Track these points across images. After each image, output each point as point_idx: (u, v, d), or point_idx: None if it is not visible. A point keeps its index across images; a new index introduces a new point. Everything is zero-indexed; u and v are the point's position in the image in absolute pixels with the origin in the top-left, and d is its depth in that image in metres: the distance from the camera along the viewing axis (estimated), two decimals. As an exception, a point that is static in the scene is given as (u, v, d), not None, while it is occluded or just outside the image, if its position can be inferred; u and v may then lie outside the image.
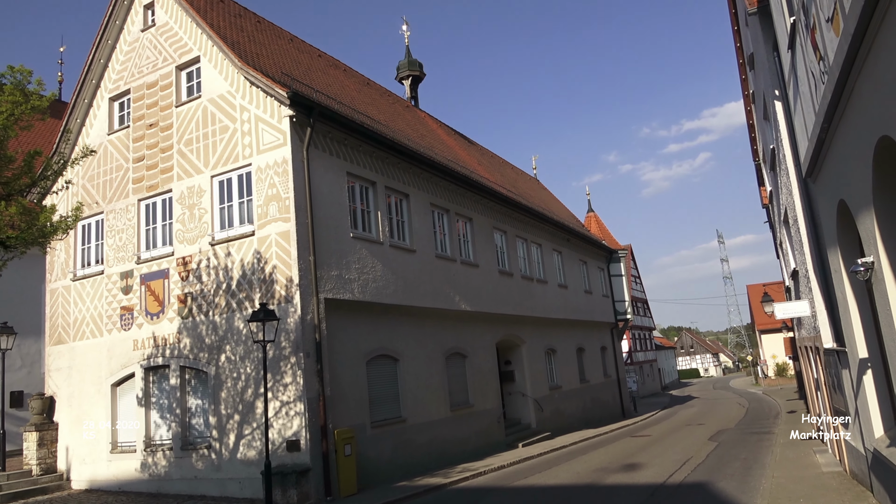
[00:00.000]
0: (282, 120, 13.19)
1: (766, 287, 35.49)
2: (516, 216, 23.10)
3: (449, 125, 28.90)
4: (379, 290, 14.59)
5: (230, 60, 14.00)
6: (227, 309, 13.46)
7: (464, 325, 18.62)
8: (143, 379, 14.66)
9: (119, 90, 16.61)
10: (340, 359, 13.35)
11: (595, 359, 30.11)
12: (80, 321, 16.19)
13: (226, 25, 15.51)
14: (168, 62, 15.63)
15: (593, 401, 28.32)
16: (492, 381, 19.67)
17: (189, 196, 14.49)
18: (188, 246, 14.32)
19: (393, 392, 15.07)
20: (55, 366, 16.50)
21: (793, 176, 10.06)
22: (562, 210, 34.22)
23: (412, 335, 16.08)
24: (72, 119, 17.09)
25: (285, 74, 14.76)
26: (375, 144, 15.19)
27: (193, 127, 14.77)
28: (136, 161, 15.77)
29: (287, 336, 12.45)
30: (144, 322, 14.85)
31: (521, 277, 22.59)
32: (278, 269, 12.76)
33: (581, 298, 28.85)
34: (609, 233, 39.09)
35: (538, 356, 23.46)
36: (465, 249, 19.31)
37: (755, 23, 10.84)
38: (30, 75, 10.07)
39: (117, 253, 15.69)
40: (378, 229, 15.13)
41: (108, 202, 16.14)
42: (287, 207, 12.80)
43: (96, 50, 16.85)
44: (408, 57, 29.87)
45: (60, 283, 16.82)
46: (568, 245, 28.38)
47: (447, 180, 18.39)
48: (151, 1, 16.30)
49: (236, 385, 13.12)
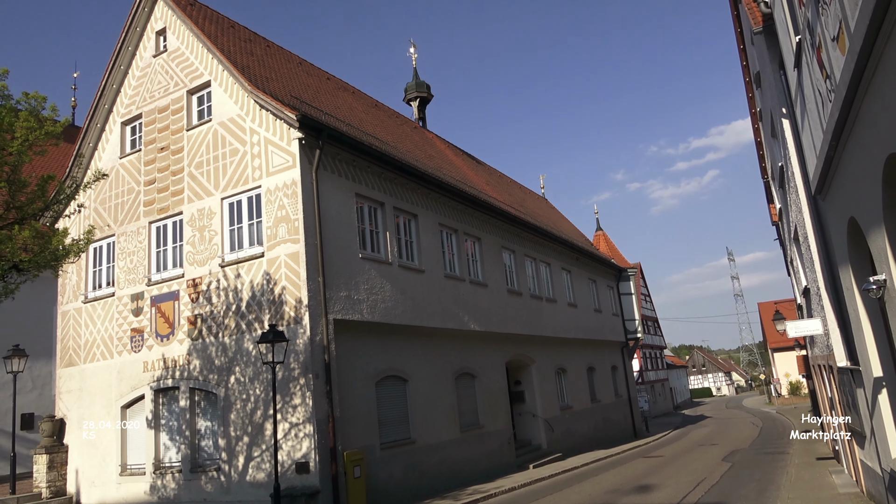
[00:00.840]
0: (291, 142, 13.31)
1: (778, 305, 35.22)
2: (525, 235, 23.10)
3: (457, 145, 29.06)
4: (388, 311, 14.58)
5: (240, 84, 14.18)
6: (237, 330, 13.49)
7: (473, 345, 18.56)
8: (153, 401, 14.67)
9: (131, 114, 16.83)
10: (350, 380, 13.32)
11: (606, 378, 29.88)
12: (91, 343, 16.26)
13: (236, 50, 15.74)
14: (179, 87, 15.84)
15: (605, 421, 28.05)
16: (502, 401, 19.54)
17: (199, 218, 14.60)
18: (198, 268, 14.40)
19: (402, 413, 15.00)
20: (66, 388, 16.55)
21: (802, 193, 10.03)
22: (570, 229, 34.20)
23: (421, 355, 16.03)
24: (84, 143, 17.31)
25: (294, 97, 14.92)
26: (384, 165, 15.29)
27: (204, 150, 14.93)
28: (148, 184, 15.93)
29: (296, 357, 12.44)
30: (154, 344, 14.89)
31: (530, 297, 22.53)
32: (287, 291, 12.79)
33: (591, 317, 28.71)
34: (618, 251, 39.00)
35: (548, 376, 23.31)
36: (474, 269, 19.30)
37: (761, 42, 10.89)
38: (44, 101, 10.22)
39: (128, 275, 15.79)
40: (387, 250, 15.17)
41: (119, 225, 16.29)
42: (296, 229, 12.87)
43: (109, 75, 17.12)
44: (415, 79, 30.16)
45: (72, 305, 16.93)
46: (577, 264, 28.31)
47: (455, 200, 18.45)
48: (164, 27, 16.58)
49: (245, 407, 13.10)
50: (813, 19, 6.25)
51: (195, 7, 16.85)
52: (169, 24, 16.42)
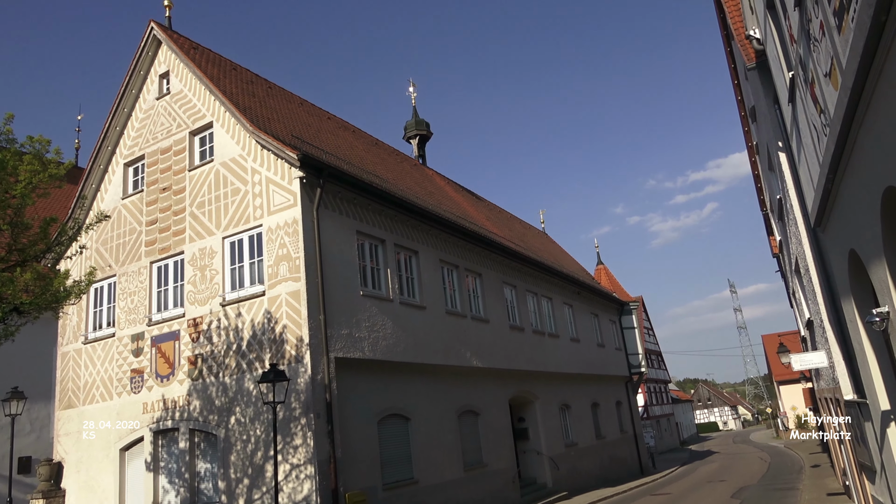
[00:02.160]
0: (292, 181, 13.41)
1: (782, 337, 35.01)
2: (526, 270, 23.09)
3: (456, 182, 29.26)
4: (389, 348, 14.50)
5: (242, 125, 14.36)
6: (238, 370, 13.39)
7: (475, 382, 18.39)
8: (152, 443, 14.49)
9: (134, 156, 17.01)
10: (351, 419, 13.17)
11: (610, 414, 29.52)
12: (91, 385, 16.13)
13: (238, 92, 15.98)
14: (182, 128, 16.05)
15: (610, 458, 27.63)
16: (505, 438, 19.28)
17: (201, 257, 14.63)
18: (199, 307, 14.37)
19: (405, 452, 14.78)
20: (64, 430, 16.36)
21: (801, 226, 10.06)
22: (571, 263, 34.20)
23: (423, 393, 15.88)
24: (87, 185, 17.45)
25: (295, 137, 15.09)
26: (384, 203, 15.38)
27: (206, 190, 15.04)
28: (150, 224, 16.01)
29: (297, 396, 12.33)
30: (154, 385, 14.78)
31: (532, 332, 22.41)
32: (289, 329, 12.74)
33: (594, 352, 28.51)
34: (619, 285, 38.95)
35: (552, 412, 23.04)
36: (475, 305, 19.25)
37: (755, 77, 11.05)
38: (48, 145, 10.34)
39: (129, 315, 15.75)
40: (388, 286, 15.15)
41: (120, 265, 16.32)
42: (297, 267, 12.88)
43: (113, 118, 17.35)
44: (415, 117, 30.52)
45: (72, 346, 16.85)
46: (579, 298, 28.23)
47: (456, 236, 18.50)
48: (167, 70, 16.86)
49: (246, 448, 12.93)
50: (805, 56, 6.36)
51: (198, 50, 17.17)
52: (172, 68, 16.71)
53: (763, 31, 9.66)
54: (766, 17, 8.81)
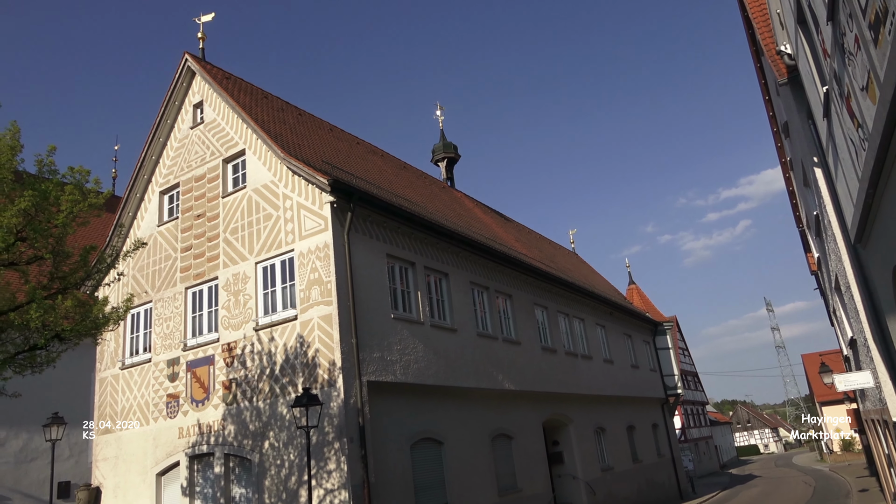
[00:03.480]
0: (323, 206, 13.56)
1: (823, 356, 34.01)
2: (556, 291, 22.91)
3: (485, 203, 29.29)
4: (421, 371, 14.45)
5: (273, 152, 14.60)
6: (271, 394, 13.47)
7: (508, 405, 18.20)
8: (188, 468, 14.60)
9: (169, 184, 17.41)
10: (384, 443, 13.11)
11: (647, 437, 28.91)
12: (128, 410, 16.36)
13: (269, 119, 16.29)
14: (215, 156, 16.39)
15: (648, 482, 26.99)
16: (540, 463, 18.99)
17: (234, 283, 14.83)
18: (233, 332, 14.54)
19: (438, 477, 14.64)
20: (102, 455, 16.59)
21: (840, 242, 9.82)
22: (602, 283, 33.84)
23: (456, 417, 15.76)
24: (124, 213, 17.89)
25: (326, 162, 15.30)
26: (414, 226, 15.45)
27: (239, 216, 15.30)
28: (185, 250, 16.31)
29: (330, 421, 12.33)
30: (190, 409, 14.93)
31: (564, 353, 22.16)
32: (321, 353, 12.79)
33: (628, 374, 28.04)
34: (652, 305, 38.36)
35: (587, 436, 22.65)
36: (507, 327, 19.12)
37: (787, 92, 10.90)
38: (88, 175, 10.62)
39: (164, 341, 15.99)
40: (418, 309, 15.15)
41: (156, 291, 16.62)
42: (329, 291, 12.97)
43: (148, 147, 17.81)
44: (442, 140, 30.74)
45: (109, 371, 17.15)
46: (611, 319, 27.87)
47: (485, 258, 18.47)
48: (201, 100, 17.29)
49: (280, 472, 12.94)
50: (840, 70, 6.25)
51: (230, 80, 17.58)
52: (206, 97, 17.13)
53: (794, 46, 9.54)
54: (798, 33, 8.71)
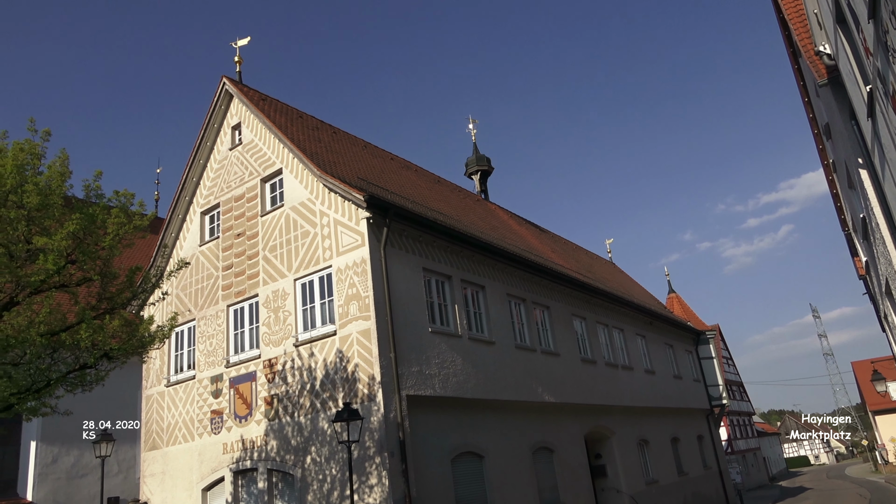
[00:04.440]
0: (359, 222, 13.71)
1: (875, 363, 32.88)
2: (595, 301, 22.66)
3: (519, 215, 29.22)
4: (460, 385, 14.42)
5: (310, 170, 14.84)
6: (312, 409, 13.59)
7: (549, 418, 18.02)
8: (233, 483, 14.79)
9: (210, 204, 17.81)
10: (425, 458, 13.10)
11: (692, 449, 28.27)
12: (174, 426, 16.69)
13: (305, 138, 16.57)
14: (254, 176, 16.73)
15: (695, 496, 26.35)
16: (582, 476, 18.71)
17: (274, 300, 15.06)
18: (274, 348, 14.74)
19: (480, 491, 14.54)
20: (149, 471, 16.93)
21: (890, 245, 9.52)
22: (641, 293, 33.36)
23: (496, 430, 15.66)
24: (167, 234, 18.36)
25: (361, 179, 15.47)
26: (449, 239, 15.49)
27: (277, 234, 15.56)
28: (225, 269, 16.64)
29: (371, 435, 12.38)
30: (233, 425, 15.15)
31: (604, 365, 21.87)
32: (360, 368, 12.88)
33: (670, 384, 27.51)
34: (693, 313, 37.67)
35: (630, 448, 22.26)
36: (545, 338, 18.97)
37: (827, 93, 10.66)
38: (132, 198, 10.96)
39: (208, 358, 16.30)
40: (456, 322, 15.15)
41: (199, 309, 16.96)
42: (367, 306, 13.07)
43: (189, 169, 18.28)
44: (475, 153, 30.83)
45: (155, 389, 17.53)
46: (651, 329, 27.43)
47: (522, 269, 18.39)
48: (239, 122, 17.70)
49: (322, 487, 13.02)
50: (884, 68, 6.10)
51: (267, 101, 17.97)
52: (243, 119, 17.53)
53: (834, 45, 9.34)
54: (837, 32, 8.53)
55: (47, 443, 19.54)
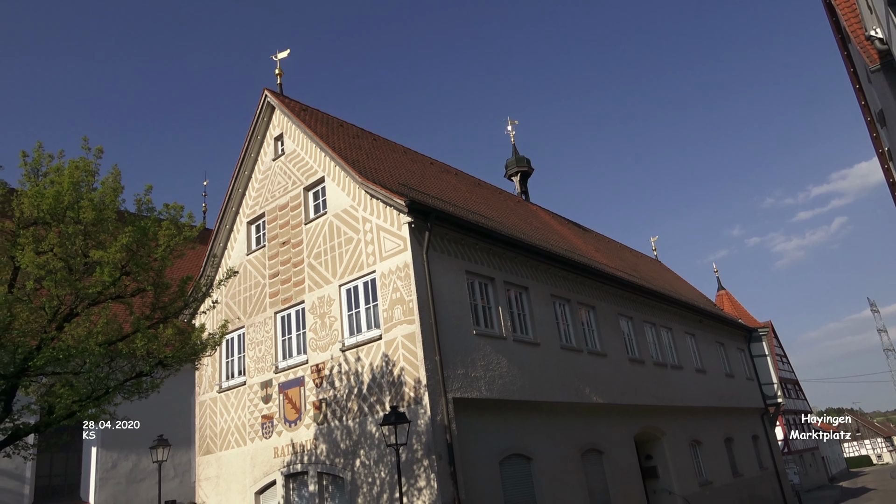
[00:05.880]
0: (401, 227, 13.82)
1: (940, 358, 31.41)
2: (641, 300, 22.31)
3: (561, 215, 28.97)
4: (506, 387, 14.38)
5: (351, 177, 15.03)
6: (360, 413, 13.74)
7: (597, 419, 17.80)
8: (284, 486, 15.06)
9: (255, 214, 18.21)
10: (473, 460, 13.09)
11: (747, 449, 27.53)
12: (226, 431, 17.09)
13: (346, 147, 16.80)
14: (297, 185, 17.03)
15: (751, 497, 25.64)
16: (633, 478, 18.42)
17: (320, 306, 15.29)
18: (321, 353, 14.96)
19: (529, 494, 14.46)
20: (204, 475, 17.36)
21: (952, 234, 9.11)
22: (689, 290, 32.68)
23: (544, 432, 15.55)
24: (216, 244, 18.83)
25: (402, 184, 15.59)
26: (491, 241, 15.48)
27: (321, 241, 15.80)
28: (272, 277, 16.97)
29: (418, 438, 12.44)
30: (283, 429, 15.43)
31: (653, 364, 21.50)
32: (406, 371, 12.97)
33: (722, 383, 26.86)
34: (744, 310, 36.73)
35: (682, 449, 21.81)
36: (591, 339, 18.76)
37: (880, 79, 10.28)
38: (181, 210, 11.28)
39: (257, 364, 16.64)
40: (500, 324, 15.12)
41: (248, 317, 17.34)
42: (411, 310, 13.15)
43: (235, 181, 18.72)
44: (515, 154, 30.72)
45: (208, 395, 17.98)
46: (701, 327, 26.84)
47: (565, 270, 18.24)
48: (281, 133, 18.05)
49: (372, 490, 13.14)
50: (938, 51, 5.86)
51: (308, 112, 18.28)
52: (285, 130, 17.87)
53: (886, 29, 9.01)
54: (889, 15, 8.23)
55: (107, 448, 20.24)
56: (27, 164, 9.98)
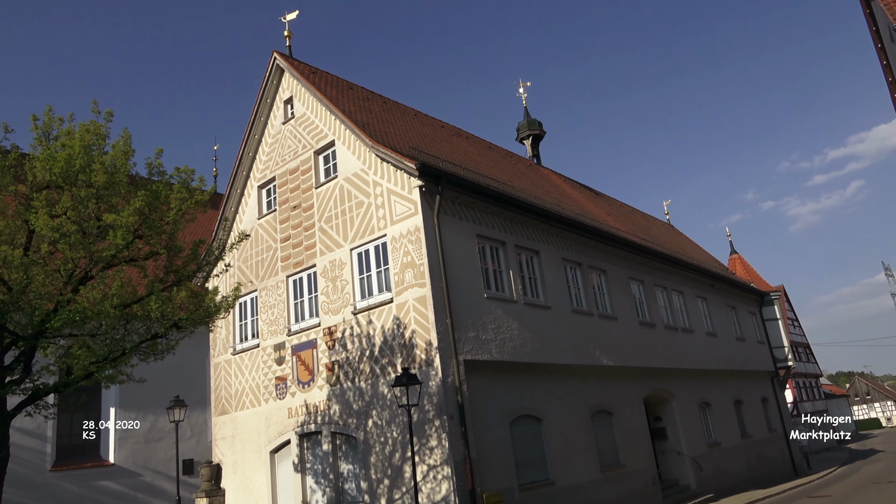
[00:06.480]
0: (412, 191, 13.77)
1: (954, 322, 31.25)
2: (652, 264, 22.25)
3: (573, 179, 28.75)
4: (516, 349, 14.48)
5: (362, 141, 14.94)
6: (372, 375, 13.92)
7: (607, 381, 17.94)
8: (298, 445, 15.36)
9: (266, 178, 18.19)
10: (483, 421, 13.27)
11: (756, 411, 27.71)
12: (241, 392, 17.39)
13: (356, 109, 16.66)
14: (307, 148, 16.96)
15: (759, 458, 25.91)
16: (642, 439, 18.63)
17: (331, 269, 15.37)
18: (333, 316, 15.09)
19: (539, 453, 14.68)
20: (220, 435, 17.74)
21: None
22: (701, 254, 32.53)
23: (554, 394, 15.71)
24: (227, 208, 18.88)
25: (412, 148, 15.49)
26: (502, 205, 15.41)
27: (332, 205, 15.79)
28: (283, 241, 17.04)
29: (430, 399, 12.61)
30: (297, 391, 15.68)
31: (664, 328, 21.54)
32: (417, 334, 13.07)
33: (733, 346, 26.91)
34: (757, 274, 36.56)
35: (691, 411, 21.99)
36: (602, 302, 18.79)
37: (902, 36, 9.99)
38: (192, 174, 11.28)
39: (270, 327, 16.83)
40: (511, 288, 15.15)
41: (260, 280, 17.48)
42: (422, 273, 13.20)
43: (245, 145, 18.66)
44: (527, 117, 30.37)
45: (222, 357, 18.26)
46: (712, 290, 26.79)
47: (577, 234, 18.18)
48: (290, 96, 17.91)
49: (384, 449, 13.39)
50: (964, 4, 5.67)
51: (317, 74, 18.09)
52: (295, 93, 17.72)
53: (909, -17, 8.73)
54: (913, -32, 7.96)
55: (125, 409, 20.69)
56: (38, 128, 10.01)
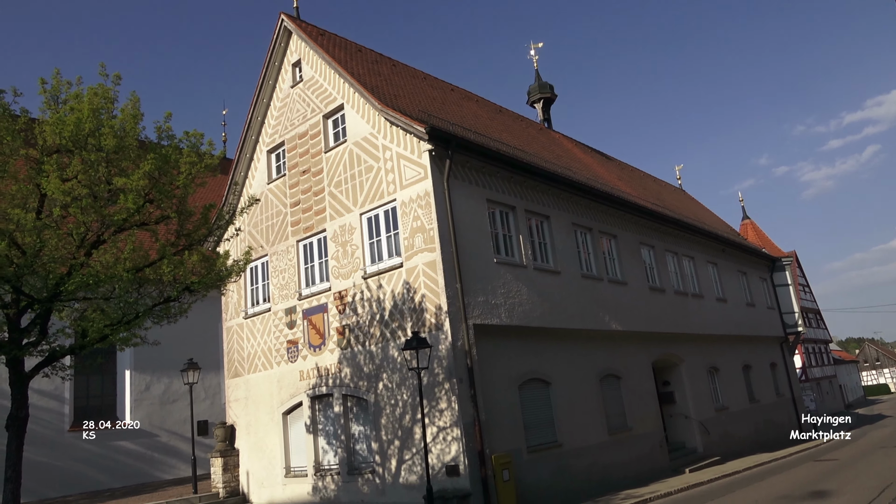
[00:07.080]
0: (422, 155, 13.69)
1: (967, 288, 31.03)
2: (663, 230, 22.13)
3: (584, 143, 28.46)
4: (526, 314, 14.54)
5: (371, 104, 14.81)
6: (382, 339, 14.04)
7: (616, 346, 18.02)
8: (310, 407, 15.61)
9: (275, 143, 18.12)
10: (493, 384, 13.41)
11: (765, 376, 27.82)
12: (253, 355, 17.62)
13: (365, 73, 16.47)
14: (316, 112, 16.84)
15: (766, 422, 26.10)
16: (650, 402, 18.79)
17: (341, 234, 15.39)
18: (343, 281, 15.17)
19: (547, 416, 14.85)
20: (233, 397, 18.05)
21: None
22: (713, 219, 32.30)
23: (563, 358, 15.81)
24: (237, 172, 18.87)
25: (422, 111, 15.33)
26: (513, 169, 15.31)
27: (341, 169, 15.74)
28: (293, 206, 17.05)
29: (440, 362, 12.73)
30: (308, 354, 15.86)
31: (674, 293, 21.53)
32: (427, 298, 13.13)
33: (743, 312, 26.90)
34: (769, 240, 36.34)
35: (699, 375, 22.10)
36: (612, 267, 18.77)
37: (926, -7, 9.69)
38: (202, 138, 11.26)
39: (281, 291, 16.95)
40: (521, 253, 15.14)
41: (271, 245, 17.56)
42: (432, 238, 13.19)
43: (254, 109, 18.54)
44: (538, 80, 29.97)
45: (234, 321, 18.46)
46: (723, 256, 26.67)
47: (587, 198, 18.07)
48: (298, 59, 17.71)
49: (394, 412, 13.58)
50: None
51: (325, 37, 17.86)
52: (303, 56, 17.52)
53: (936, -63, 8.43)
54: (940, -79, 7.68)
55: (140, 371, 21.08)
56: (46, 92, 9.97)
